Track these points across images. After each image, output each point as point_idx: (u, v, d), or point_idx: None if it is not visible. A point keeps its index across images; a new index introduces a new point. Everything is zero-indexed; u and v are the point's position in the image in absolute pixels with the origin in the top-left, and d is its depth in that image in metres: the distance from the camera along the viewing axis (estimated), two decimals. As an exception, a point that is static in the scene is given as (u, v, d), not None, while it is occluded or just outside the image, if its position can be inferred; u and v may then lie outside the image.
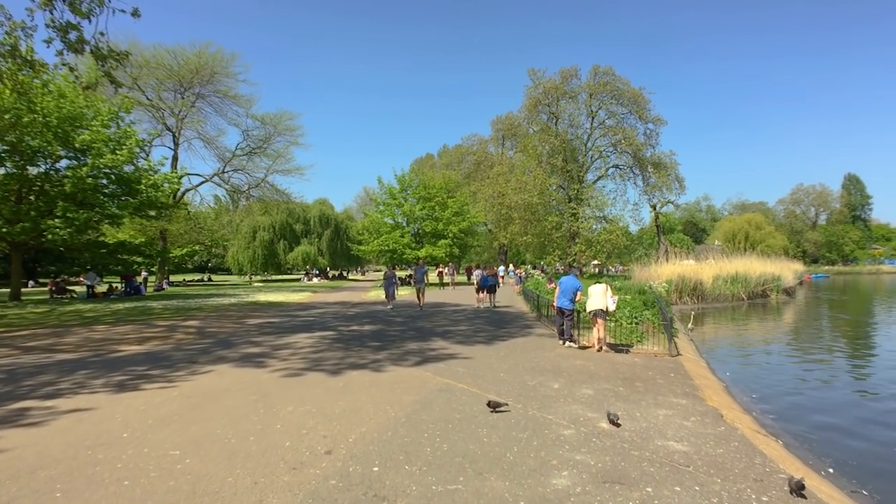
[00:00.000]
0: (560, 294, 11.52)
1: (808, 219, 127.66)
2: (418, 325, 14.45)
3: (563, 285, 11.54)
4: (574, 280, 11.57)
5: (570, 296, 11.39)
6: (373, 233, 44.59)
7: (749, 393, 9.56)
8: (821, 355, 14.36)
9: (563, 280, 11.67)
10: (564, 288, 11.46)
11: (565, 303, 11.37)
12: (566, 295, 11.39)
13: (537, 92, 57.43)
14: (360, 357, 9.59)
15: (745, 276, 32.29)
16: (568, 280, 11.60)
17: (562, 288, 11.52)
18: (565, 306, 11.38)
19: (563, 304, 11.40)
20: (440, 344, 11.20)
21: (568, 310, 11.36)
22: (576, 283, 11.49)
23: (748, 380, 10.75)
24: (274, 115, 39.90)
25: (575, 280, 11.58)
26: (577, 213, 54.74)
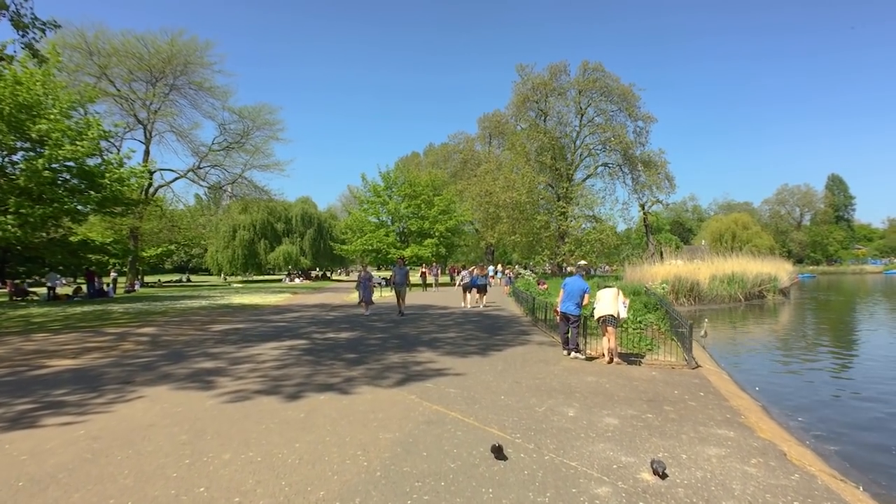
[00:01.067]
0: (565, 297, 10.07)
1: (793, 219, 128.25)
2: (402, 332, 12.91)
3: (568, 287, 10.09)
4: (581, 281, 10.13)
5: (576, 299, 9.94)
6: (356, 231, 43.02)
7: (792, 413, 8.17)
8: (843, 360, 13.11)
9: (569, 282, 10.22)
10: (570, 290, 10.01)
11: (571, 308, 9.92)
12: (572, 298, 9.95)
13: (525, 88, 56.14)
14: (331, 374, 8.03)
15: (742, 277, 31.19)
16: (574, 281, 10.15)
17: (567, 290, 10.08)
18: (571, 312, 9.92)
19: (568, 309, 9.94)
20: (427, 356, 9.67)
21: (574, 316, 9.91)
22: (583, 284, 10.04)
23: (781, 395, 9.38)
24: (252, 109, 38.12)
25: (582, 281, 10.14)
26: (566, 211, 53.54)
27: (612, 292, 9.74)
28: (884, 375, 11.39)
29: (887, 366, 12.49)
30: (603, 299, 9.64)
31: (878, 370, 12.21)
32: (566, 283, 10.26)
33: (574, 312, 9.91)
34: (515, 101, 56.70)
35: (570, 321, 9.93)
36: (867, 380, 11.11)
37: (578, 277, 10.26)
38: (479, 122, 65.85)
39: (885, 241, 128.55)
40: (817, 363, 12.96)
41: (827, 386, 10.49)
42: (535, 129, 55.74)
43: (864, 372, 11.93)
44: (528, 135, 55.57)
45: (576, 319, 9.93)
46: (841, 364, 12.76)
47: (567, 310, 9.96)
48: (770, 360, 13.80)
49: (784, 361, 13.49)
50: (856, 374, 11.69)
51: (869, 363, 13.37)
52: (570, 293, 9.99)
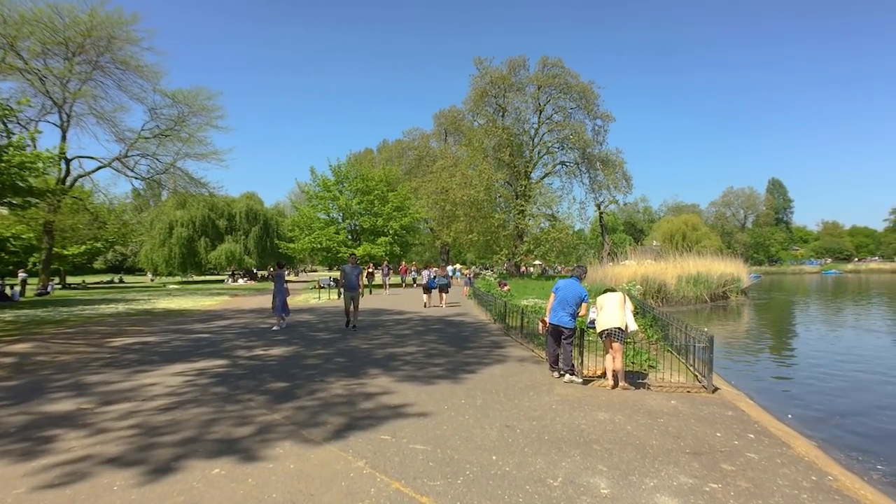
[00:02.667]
0: (556, 306, 7.93)
1: (737, 220, 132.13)
2: (350, 347, 10.49)
3: (561, 293, 7.95)
4: (578, 286, 7.98)
5: (571, 308, 7.81)
6: (304, 229, 40.01)
7: (863, 458, 6.28)
8: (846, 365, 11.59)
9: (563, 285, 8.07)
10: (564, 296, 7.88)
11: (565, 319, 7.78)
12: (566, 307, 7.82)
13: (484, 82, 54.36)
14: (241, 419, 5.56)
15: (707, 278, 30.25)
16: (569, 286, 8.00)
17: (559, 296, 7.94)
18: (565, 324, 7.78)
19: (561, 320, 7.80)
20: (381, 383, 7.33)
21: (568, 329, 7.82)
22: (580, 290, 7.91)
23: (827, 425, 7.56)
24: (188, 92, 34.46)
25: (579, 286, 7.99)
26: (524, 210, 52.04)
27: (617, 298, 7.71)
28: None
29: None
30: (607, 307, 7.59)
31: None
32: (559, 287, 8.10)
33: (569, 325, 7.79)
34: (473, 95, 54.84)
35: (564, 336, 7.83)
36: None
37: (575, 281, 8.13)
38: (435, 118, 63.86)
39: (820, 242, 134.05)
40: (822, 368, 11.38)
41: (868, 398, 8.84)
42: (493, 124, 54.09)
43: (879, 378, 10.44)
44: (486, 131, 53.84)
45: (570, 333, 7.83)
46: (850, 370, 11.23)
47: (560, 321, 7.82)
48: (773, 367, 12.20)
49: (790, 364, 11.90)
50: (872, 383, 10.13)
51: (872, 363, 12.01)
52: (563, 300, 7.87)
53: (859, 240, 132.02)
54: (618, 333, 7.32)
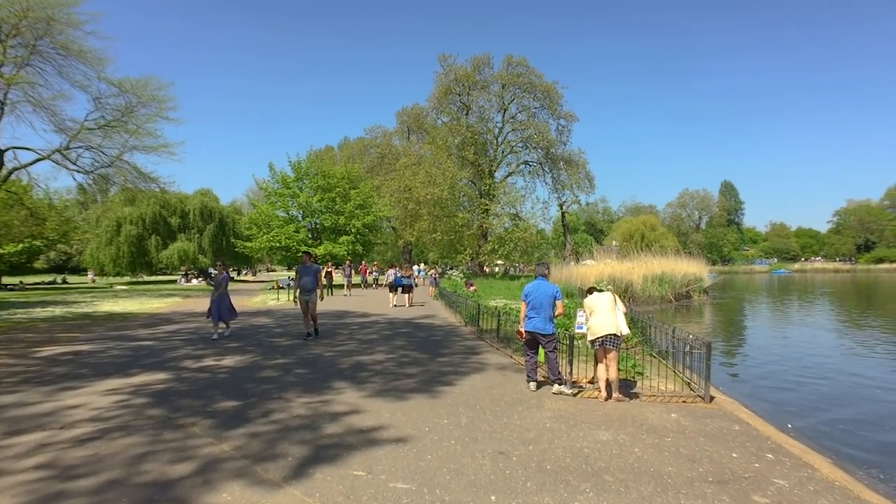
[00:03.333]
0: (530, 311, 7.16)
1: (692, 221, 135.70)
2: (313, 356, 9.50)
3: (533, 296, 7.16)
4: (547, 285, 7.24)
5: (547, 311, 7.09)
6: (262, 227, 38.31)
7: (883, 476, 5.76)
8: (822, 359, 11.34)
9: (533, 289, 7.24)
10: (537, 299, 7.10)
11: (541, 324, 7.04)
12: (541, 310, 7.07)
13: (448, 79, 53.62)
14: (180, 453, 4.55)
15: (671, 277, 30.35)
16: (538, 287, 7.21)
17: (532, 301, 7.14)
18: (542, 330, 7.03)
19: (537, 326, 7.04)
20: (348, 399, 6.42)
21: (546, 336, 7.06)
22: (551, 288, 7.19)
23: (830, 433, 7.07)
24: (136, 81, 32.24)
25: (549, 285, 7.25)
26: (489, 209, 51.59)
27: (607, 299, 7.02)
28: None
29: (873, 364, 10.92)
30: (599, 310, 6.89)
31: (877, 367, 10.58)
32: (528, 291, 7.30)
33: (547, 330, 7.07)
34: (437, 92, 54.05)
35: (544, 343, 7.12)
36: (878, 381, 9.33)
37: (542, 281, 7.37)
38: (398, 115, 62.81)
39: (769, 243, 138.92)
40: (796, 367, 11.08)
41: (864, 403, 8.47)
42: (457, 122, 53.43)
43: (861, 374, 10.18)
44: (450, 129, 53.14)
45: (551, 339, 7.12)
46: (823, 367, 10.95)
47: (536, 328, 7.07)
48: (745, 366, 11.85)
49: (763, 367, 11.55)
50: (846, 383, 9.84)
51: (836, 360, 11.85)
52: (537, 304, 7.11)
53: (804, 240, 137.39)
54: (613, 340, 6.64)
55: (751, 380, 10.69)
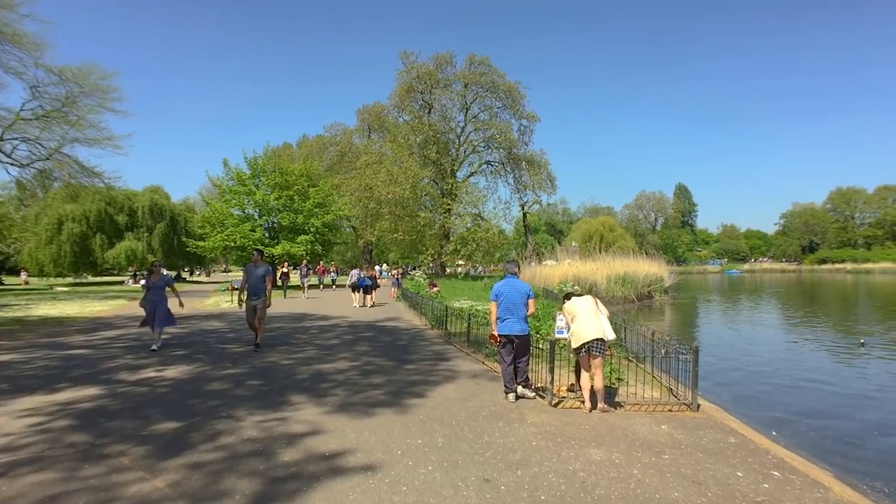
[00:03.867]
0: (503, 312, 6.68)
1: (649, 223, 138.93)
2: (268, 364, 8.68)
3: (504, 296, 6.70)
4: (518, 283, 6.80)
5: (520, 311, 6.63)
6: (216, 226, 36.67)
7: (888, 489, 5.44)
8: (782, 357, 11.22)
9: (503, 287, 6.78)
10: (509, 299, 6.66)
11: (516, 326, 6.59)
12: (514, 311, 6.61)
13: (410, 77, 52.88)
14: (101, 494, 3.71)
15: (634, 278, 30.54)
16: (509, 285, 6.77)
17: (503, 301, 6.69)
18: (518, 332, 6.58)
19: (512, 329, 6.58)
20: (308, 417, 5.67)
21: (520, 336, 6.60)
22: (522, 287, 6.74)
23: (817, 440, 6.77)
24: (78, 70, 30.21)
25: (519, 283, 6.81)
26: (451, 208, 51.13)
27: (590, 303, 6.54)
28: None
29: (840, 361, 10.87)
30: (582, 315, 6.38)
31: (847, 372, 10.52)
32: (499, 290, 6.80)
33: (522, 332, 6.61)
34: (399, 90, 53.25)
35: (517, 346, 6.62)
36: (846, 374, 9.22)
37: (513, 279, 6.89)
38: (359, 113, 61.61)
39: (720, 244, 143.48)
40: (760, 365, 10.93)
41: (806, 404, 8.26)
42: (419, 121, 52.77)
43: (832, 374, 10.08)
44: (412, 127, 52.44)
45: (523, 340, 6.64)
46: (784, 365, 10.83)
47: (511, 330, 6.60)
48: (714, 366, 11.64)
49: (730, 366, 11.36)
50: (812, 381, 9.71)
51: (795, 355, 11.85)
52: (509, 303, 6.64)
53: (753, 242, 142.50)
54: (599, 346, 6.15)
55: (727, 383, 10.45)
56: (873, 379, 10.66)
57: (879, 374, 11.15)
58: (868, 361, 12.44)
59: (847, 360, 12.82)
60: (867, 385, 10.13)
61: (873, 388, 9.88)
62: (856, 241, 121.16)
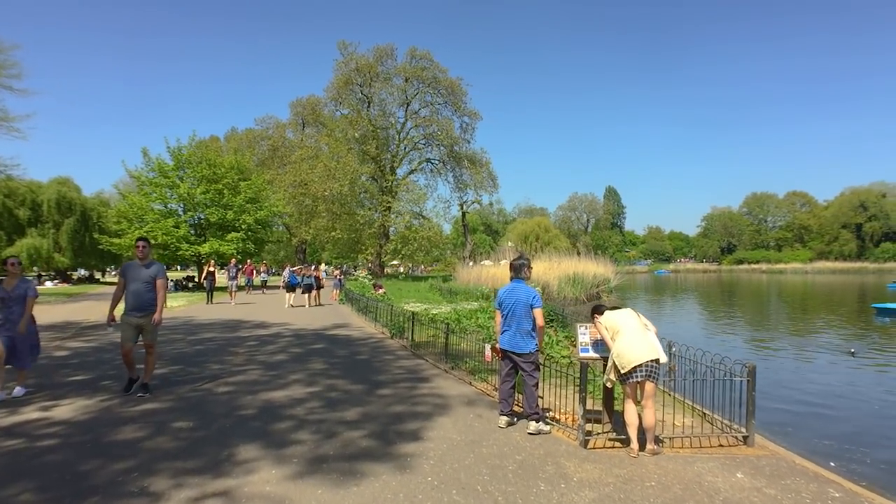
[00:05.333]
0: (506, 322, 5.44)
1: (581, 224, 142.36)
2: (200, 395, 6.76)
3: (508, 303, 5.45)
4: (525, 290, 5.46)
5: (526, 323, 5.36)
6: (133, 221, 33.08)
7: None
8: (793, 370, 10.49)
9: (506, 295, 5.51)
10: (512, 307, 5.41)
11: (520, 341, 5.35)
12: (520, 321, 5.36)
13: (349, 68, 50.58)
14: None
15: (583, 278, 30.06)
16: (514, 293, 5.47)
17: (506, 309, 5.45)
18: (521, 348, 5.34)
19: (515, 343, 5.37)
20: (267, 488, 3.90)
21: (522, 355, 5.35)
22: (528, 293, 5.42)
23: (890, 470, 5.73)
24: (-34, 41, 26.33)
25: (526, 289, 5.47)
26: (391, 206, 49.34)
27: (634, 317, 5.18)
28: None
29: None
30: (628, 331, 4.97)
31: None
32: (502, 299, 5.55)
33: (527, 348, 5.34)
34: (337, 82, 50.82)
35: (523, 365, 5.36)
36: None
37: (519, 284, 5.55)
38: (292, 106, 58.49)
39: (646, 245, 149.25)
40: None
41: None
42: (358, 114, 50.61)
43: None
44: (350, 121, 50.21)
45: (528, 359, 5.34)
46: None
47: (513, 345, 5.38)
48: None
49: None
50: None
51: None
52: (513, 312, 5.39)
53: (676, 243, 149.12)
54: (652, 370, 4.79)
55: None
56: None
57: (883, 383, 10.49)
58: (865, 371, 11.75)
59: (847, 369, 12.04)
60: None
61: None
62: (768, 243, 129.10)
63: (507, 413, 5.45)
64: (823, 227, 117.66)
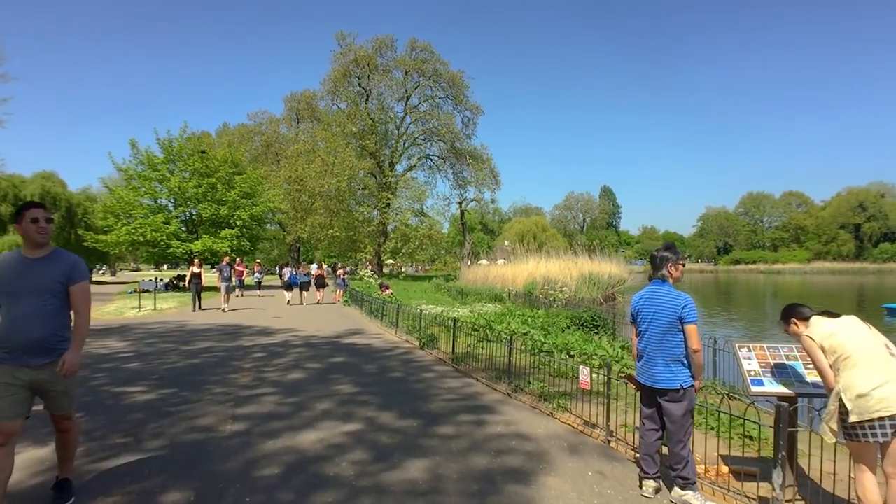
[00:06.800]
0: (645, 343, 3.84)
1: (577, 223, 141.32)
2: (200, 441, 5.07)
3: (644, 313, 3.89)
4: (670, 293, 3.84)
5: (668, 346, 3.72)
6: (121, 217, 31.13)
7: None
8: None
9: (643, 304, 3.94)
10: (652, 325, 3.81)
11: (663, 371, 3.73)
12: (663, 341, 3.75)
13: (347, 60, 48.67)
14: None
15: (598, 278, 28.54)
16: (651, 299, 3.90)
17: (644, 323, 3.88)
18: (665, 382, 3.71)
19: (657, 376, 3.75)
20: None
21: (665, 390, 3.72)
22: (676, 301, 3.76)
23: None
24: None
25: (672, 293, 3.83)
26: (390, 202, 47.56)
27: (864, 329, 3.48)
28: None
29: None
30: (865, 356, 3.25)
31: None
32: (636, 305, 4.00)
33: (675, 383, 3.70)
34: (334, 74, 48.88)
35: (664, 403, 3.75)
36: None
37: (662, 286, 3.92)
38: (286, 101, 56.64)
39: (641, 245, 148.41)
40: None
41: None
42: (356, 108, 48.78)
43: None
44: (348, 115, 48.33)
45: (677, 398, 3.70)
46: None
47: (652, 378, 3.78)
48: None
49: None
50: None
51: None
52: (652, 328, 3.82)
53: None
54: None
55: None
56: None
57: None
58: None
59: None
60: None
61: None
62: (764, 243, 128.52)
63: (653, 476, 3.78)
64: (820, 228, 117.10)
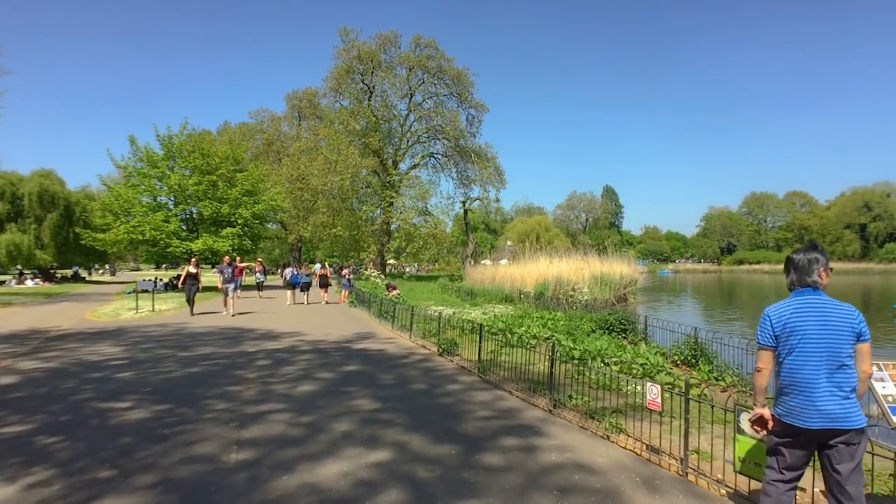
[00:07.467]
0: (810, 367, 2.86)
1: (580, 223, 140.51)
2: (196, 467, 4.29)
3: (799, 332, 2.93)
4: (837, 305, 2.94)
5: (844, 372, 2.84)
6: (119, 215, 30.34)
7: None
8: None
9: (793, 313, 2.98)
10: (817, 337, 2.88)
11: (848, 408, 2.81)
12: (838, 363, 2.84)
13: (350, 56, 47.77)
14: None
15: (610, 278, 27.75)
16: (808, 312, 2.94)
17: (808, 343, 2.89)
18: (844, 421, 2.80)
19: (823, 411, 2.81)
20: None
21: (843, 431, 2.80)
22: (850, 314, 2.89)
23: None
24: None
25: (840, 305, 2.94)
26: (394, 201, 46.75)
27: None
28: None
29: None
30: None
31: None
32: (786, 321, 3.00)
33: (856, 421, 2.79)
34: (337, 71, 47.98)
35: (842, 447, 2.82)
36: None
37: (816, 295, 3.01)
38: (287, 98, 55.76)
39: (644, 245, 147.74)
40: None
41: None
42: (359, 105, 47.96)
43: None
44: (352, 112, 47.52)
45: (857, 440, 2.82)
46: None
47: (836, 418, 2.80)
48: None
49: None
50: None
51: None
52: (822, 354, 2.87)
53: (673, 243, 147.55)
54: None
55: None
56: None
57: None
58: None
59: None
60: None
61: None
62: (768, 243, 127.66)
63: None
64: (825, 228, 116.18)
